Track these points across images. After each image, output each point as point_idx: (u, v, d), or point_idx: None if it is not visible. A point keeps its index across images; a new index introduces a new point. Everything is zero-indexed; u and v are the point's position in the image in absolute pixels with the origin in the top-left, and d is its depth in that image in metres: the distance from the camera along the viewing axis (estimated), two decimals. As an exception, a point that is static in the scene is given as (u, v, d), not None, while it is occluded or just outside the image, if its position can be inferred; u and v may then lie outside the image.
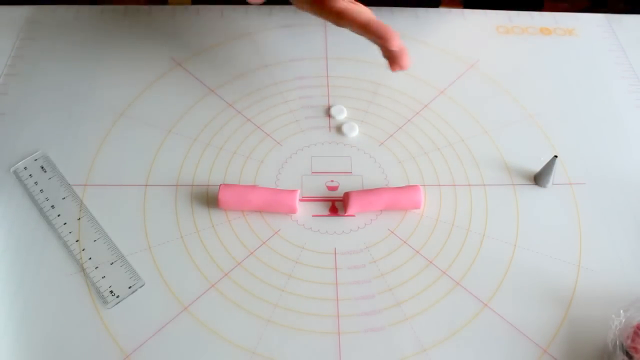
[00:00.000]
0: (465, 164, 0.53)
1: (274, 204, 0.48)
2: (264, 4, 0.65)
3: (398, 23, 0.64)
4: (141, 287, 0.44)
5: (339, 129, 0.55)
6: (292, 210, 0.49)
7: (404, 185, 0.50)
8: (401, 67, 0.47)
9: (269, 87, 0.58)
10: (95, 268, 0.45)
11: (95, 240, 0.47)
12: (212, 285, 0.45)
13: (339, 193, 0.51)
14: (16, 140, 0.52)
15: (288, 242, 0.48)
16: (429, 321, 0.43)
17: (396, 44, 0.45)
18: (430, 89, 0.59)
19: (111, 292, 0.44)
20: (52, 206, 0.48)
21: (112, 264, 0.45)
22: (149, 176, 0.51)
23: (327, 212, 0.49)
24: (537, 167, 0.52)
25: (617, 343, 0.39)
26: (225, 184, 0.49)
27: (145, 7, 0.64)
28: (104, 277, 0.45)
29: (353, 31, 0.46)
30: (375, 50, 0.48)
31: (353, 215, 0.49)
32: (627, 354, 0.39)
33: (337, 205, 0.50)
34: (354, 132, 0.54)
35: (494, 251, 0.47)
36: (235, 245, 0.47)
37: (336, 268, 0.46)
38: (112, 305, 0.43)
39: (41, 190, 0.49)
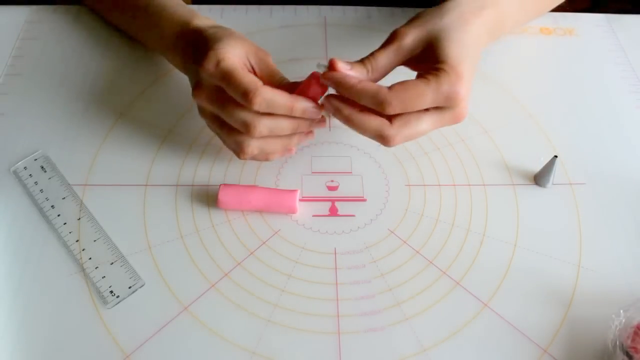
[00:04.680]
0: (465, 164, 0.53)
1: (273, 204, 0.48)
2: (263, 3, 0.65)
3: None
4: (141, 287, 0.44)
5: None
6: (292, 210, 0.49)
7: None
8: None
9: (269, 87, 0.58)
10: (95, 268, 0.45)
11: (95, 240, 0.47)
12: (212, 285, 0.45)
13: (339, 193, 0.51)
14: (16, 140, 0.52)
15: (288, 242, 0.48)
16: (429, 321, 0.43)
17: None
18: (430, 89, 0.59)
19: (111, 292, 0.44)
20: (52, 206, 0.48)
21: (112, 264, 0.45)
22: (149, 176, 0.51)
23: (327, 212, 0.49)
24: (537, 167, 0.52)
25: (617, 343, 0.39)
26: (225, 184, 0.49)
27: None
28: (104, 277, 0.45)
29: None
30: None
31: (353, 215, 0.49)
32: (627, 354, 0.39)
33: (337, 205, 0.50)
34: None
35: (494, 251, 0.47)
36: (235, 245, 0.47)
37: (336, 268, 0.46)
38: (112, 305, 0.43)
39: (41, 190, 0.49)
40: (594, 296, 0.45)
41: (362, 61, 0.45)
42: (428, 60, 0.44)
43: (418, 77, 0.44)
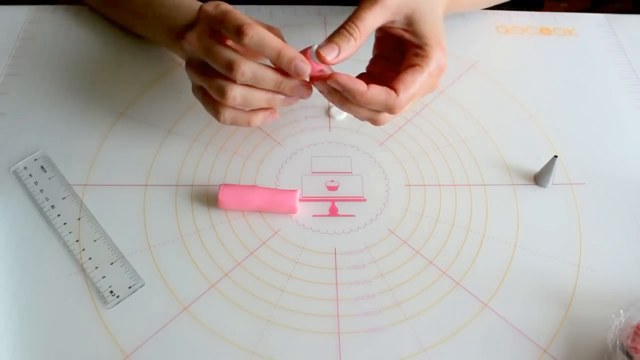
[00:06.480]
0: (465, 164, 0.53)
1: (274, 204, 0.48)
2: (263, 3, 0.65)
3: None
4: (141, 287, 0.44)
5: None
6: (292, 210, 0.49)
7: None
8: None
9: (269, 87, 0.58)
10: (95, 268, 0.45)
11: (95, 240, 0.47)
12: (212, 285, 0.45)
13: (339, 193, 0.51)
14: (16, 140, 0.52)
15: (288, 242, 0.48)
16: (429, 321, 0.43)
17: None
18: (430, 89, 0.59)
19: (111, 292, 0.44)
20: (52, 206, 0.48)
21: (112, 264, 0.45)
22: (149, 176, 0.51)
23: (327, 212, 0.49)
24: (537, 167, 0.52)
25: (617, 343, 0.39)
26: (225, 184, 0.49)
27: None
28: (104, 277, 0.45)
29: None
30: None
31: (353, 215, 0.49)
32: (627, 354, 0.39)
33: (337, 205, 0.50)
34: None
35: (494, 251, 0.47)
36: (235, 245, 0.47)
37: (336, 268, 0.46)
38: (112, 305, 0.43)
39: (41, 190, 0.49)
40: (594, 296, 0.45)
41: (346, 29, 0.43)
42: (405, 28, 0.45)
43: (408, 65, 0.44)
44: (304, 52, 0.44)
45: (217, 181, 0.51)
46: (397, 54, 0.47)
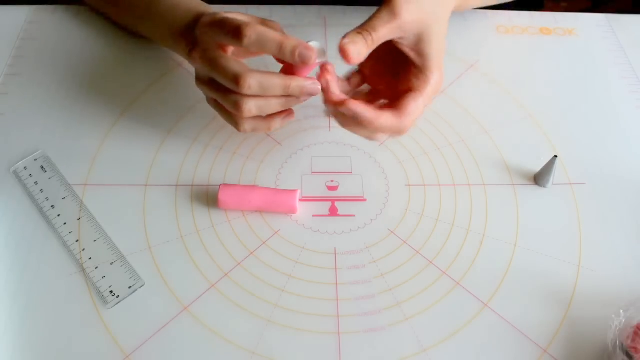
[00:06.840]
0: (465, 164, 0.53)
1: (274, 204, 0.48)
2: (263, 3, 0.65)
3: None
4: (141, 287, 0.44)
5: (335, 123, 0.55)
6: (292, 210, 0.49)
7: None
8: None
9: (269, 87, 0.58)
10: (95, 268, 0.45)
11: (95, 240, 0.47)
12: (212, 285, 0.45)
13: (339, 193, 0.51)
14: (16, 140, 0.52)
15: (288, 242, 0.48)
16: (429, 321, 0.43)
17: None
18: (430, 89, 0.59)
19: (111, 292, 0.44)
20: (52, 206, 0.48)
21: (112, 264, 0.45)
22: (149, 176, 0.51)
23: (327, 212, 0.49)
24: (537, 167, 0.52)
25: (617, 343, 0.39)
26: (225, 184, 0.49)
27: (145, 7, 0.64)
28: (104, 277, 0.45)
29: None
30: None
31: (353, 215, 0.49)
32: (627, 354, 0.39)
33: (337, 205, 0.50)
34: None
35: (494, 251, 0.47)
36: (235, 245, 0.47)
37: (336, 268, 0.46)
38: (112, 305, 0.43)
39: (41, 190, 0.49)
40: (594, 296, 0.45)
41: (362, 35, 0.43)
42: (412, 46, 0.44)
43: (408, 88, 0.45)
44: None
45: (217, 181, 0.51)
46: (391, 56, 0.46)
